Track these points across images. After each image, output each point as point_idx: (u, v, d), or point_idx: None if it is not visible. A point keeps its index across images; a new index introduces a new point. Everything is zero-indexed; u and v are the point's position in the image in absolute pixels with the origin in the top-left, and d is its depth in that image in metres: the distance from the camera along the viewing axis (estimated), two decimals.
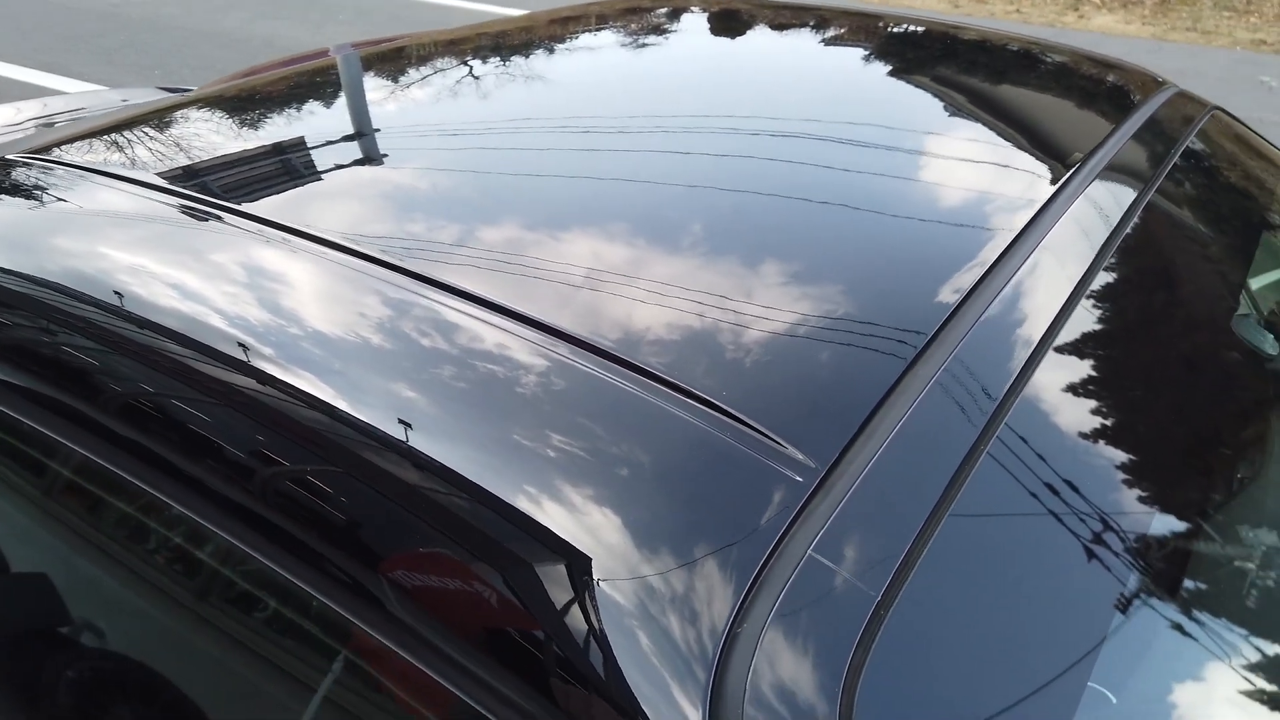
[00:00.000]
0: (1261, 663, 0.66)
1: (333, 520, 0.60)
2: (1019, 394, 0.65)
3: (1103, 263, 0.83)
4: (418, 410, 0.61)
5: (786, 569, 0.49)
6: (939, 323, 0.68)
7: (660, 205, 0.83)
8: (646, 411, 0.58)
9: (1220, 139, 1.17)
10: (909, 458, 0.56)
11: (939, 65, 1.28)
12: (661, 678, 0.47)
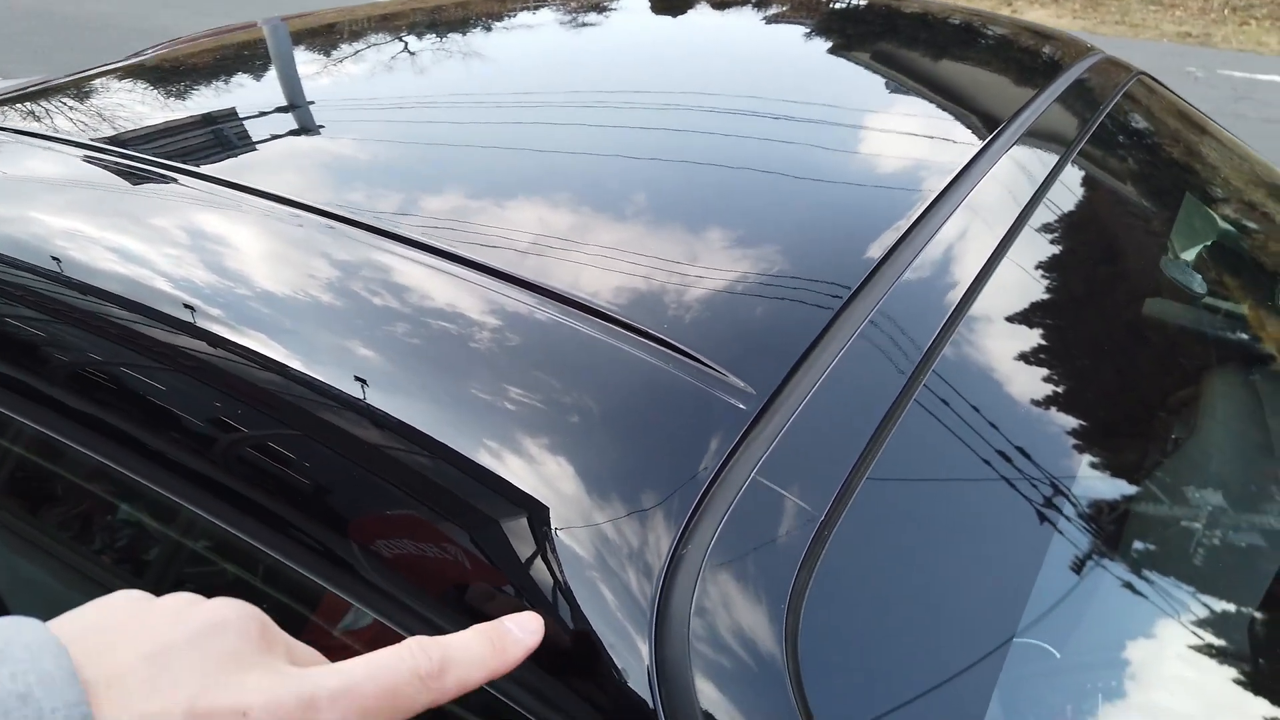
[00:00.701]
0: (1192, 614, 0.68)
1: (292, 483, 0.58)
2: (953, 329, 0.66)
3: (1030, 215, 0.85)
4: (374, 368, 0.59)
5: (730, 493, 0.49)
6: (869, 269, 0.68)
7: (600, 165, 0.83)
8: (596, 349, 0.58)
9: (1145, 102, 1.20)
10: (850, 384, 0.57)
11: (869, 33, 1.30)
12: (608, 600, 0.46)
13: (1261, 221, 1.13)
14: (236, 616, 0.38)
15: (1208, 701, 0.62)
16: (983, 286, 0.72)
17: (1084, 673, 0.56)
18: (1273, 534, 0.76)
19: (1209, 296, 0.91)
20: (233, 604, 0.39)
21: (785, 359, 0.57)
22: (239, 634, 0.38)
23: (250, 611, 0.39)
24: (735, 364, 0.56)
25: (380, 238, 0.70)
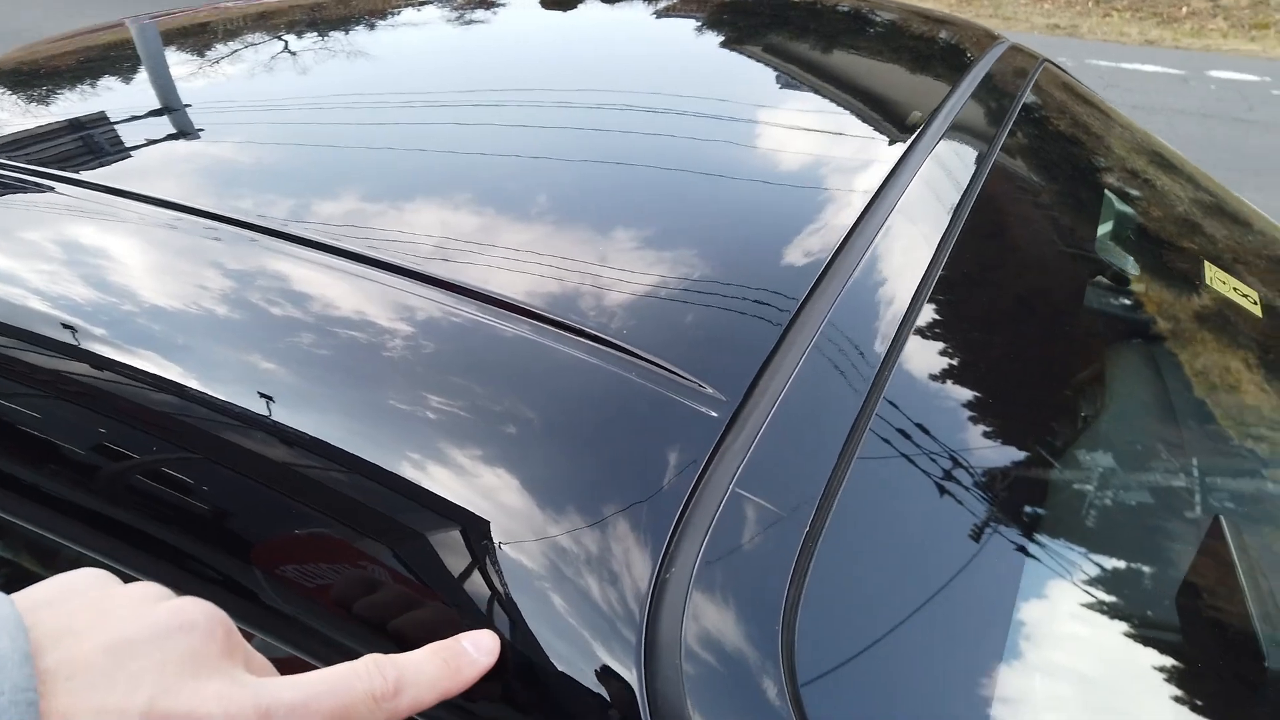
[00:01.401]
0: (1152, 584, 0.69)
1: (194, 511, 0.53)
2: (910, 325, 0.65)
3: (965, 209, 0.84)
4: (278, 382, 0.54)
5: (710, 507, 0.46)
6: (819, 270, 0.66)
7: (524, 167, 0.79)
8: (540, 355, 0.54)
9: (1053, 89, 1.23)
10: (817, 385, 0.54)
11: (781, 31, 1.29)
12: (592, 634, 0.43)
13: (1165, 198, 1.16)
14: (204, 618, 0.37)
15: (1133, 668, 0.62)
16: (932, 282, 0.71)
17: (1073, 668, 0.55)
18: (1177, 492, 0.77)
19: (1132, 275, 0.93)
20: (200, 605, 0.37)
21: (750, 363, 0.54)
22: (204, 636, 0.36)
23: (217, 615, 0.38)
24: (702, 370, 0.53)
25: (293, 244, 0.64)
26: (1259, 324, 0.92)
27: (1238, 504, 0.81)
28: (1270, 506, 0.82)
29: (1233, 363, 0.89)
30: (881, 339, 0.62)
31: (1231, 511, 0.79)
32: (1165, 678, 0.62)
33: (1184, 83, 6.27)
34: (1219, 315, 0.92)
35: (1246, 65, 6.72)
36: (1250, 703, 0.67)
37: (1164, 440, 0.80)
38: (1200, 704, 0.62)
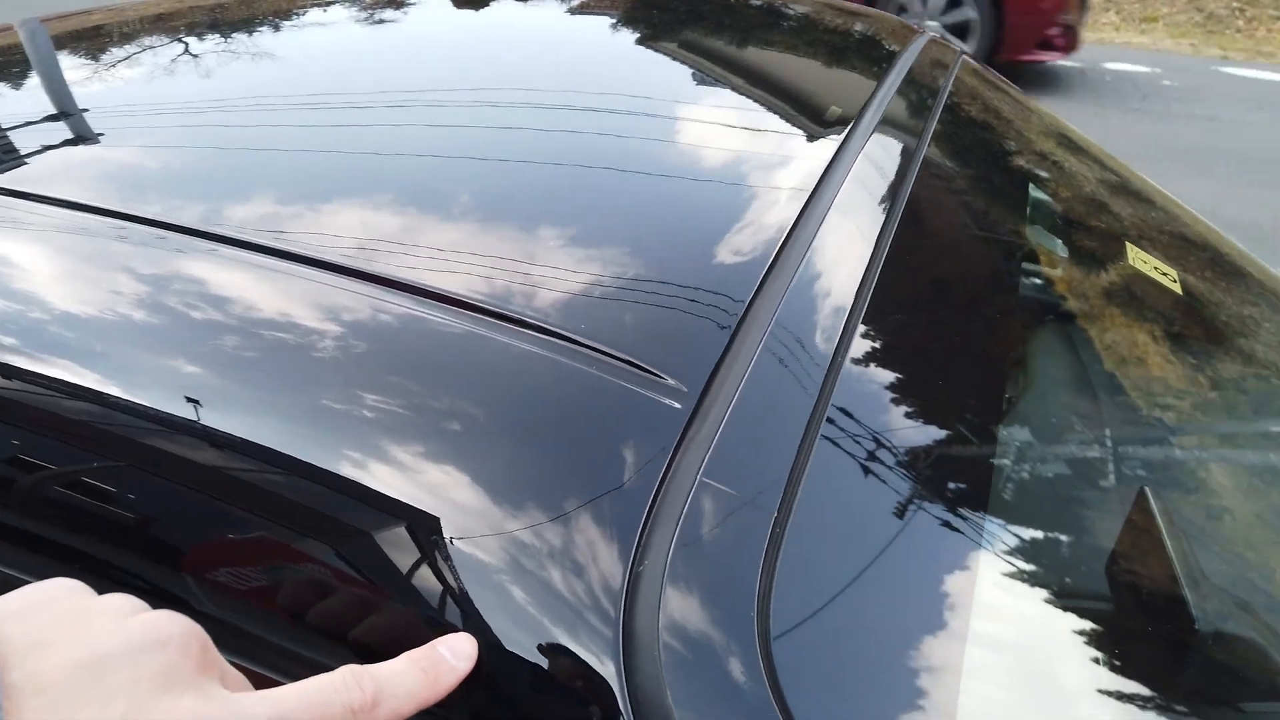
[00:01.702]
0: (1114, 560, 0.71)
1: (120, 522, 0.51)
2: (859, 314, 0.66)
3: (901, 199, 0.86)
4: (205, 387, 0.53)
5: (679, 497, 0.46)
6: (767, 262, 0.67)
7: (449, 166, 0.78)
8: (500, 351, 0.53)
9: (973, 80, 1.26)
10: (775, 375, 0.55)
11: (710, 29, 1.30)
12: (568, 630, 0.42)
13: (1083, 181, 1.21)
14: (179, 633, 0.36)
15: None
16: (874, 273, 0.73)
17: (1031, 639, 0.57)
18: (1111, 467, 0.80)
19: (1060, 258, 0.96)
20: (176, 618, 0.37)
21: (708, 356, 0.54)
22: (179, 651, 0.35)
23: (192, 629, 0.37)
24: (661, 363, 0.53)
25: (216, 243, 0.62)
26: (1180, 300, 0.96)
27: (1166, 476, 0.84)
28: (1200, 476, 0.86)
29: (1159, 338, 0.93)
30: (831, 328, 0.63)
31: (1164, 484, 0.82)
32: (1100, 645, 0.64)
33: (1081, 74, 6.52)
34: (1143, 293, 0.96)
35: (1138, 57, 7.03)
36: (1183, 664, 0.70)
37: (1099, 417, 0.83)
38: (1136, 669, 0.65)
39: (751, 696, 0.41)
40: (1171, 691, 0.66)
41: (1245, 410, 1.00)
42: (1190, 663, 0.70)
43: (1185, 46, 7.43)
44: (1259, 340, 1.05)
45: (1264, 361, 1.02)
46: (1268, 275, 1.20)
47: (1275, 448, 0.97)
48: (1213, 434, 0.95)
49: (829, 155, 0.85)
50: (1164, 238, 1.19)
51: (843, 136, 0.90)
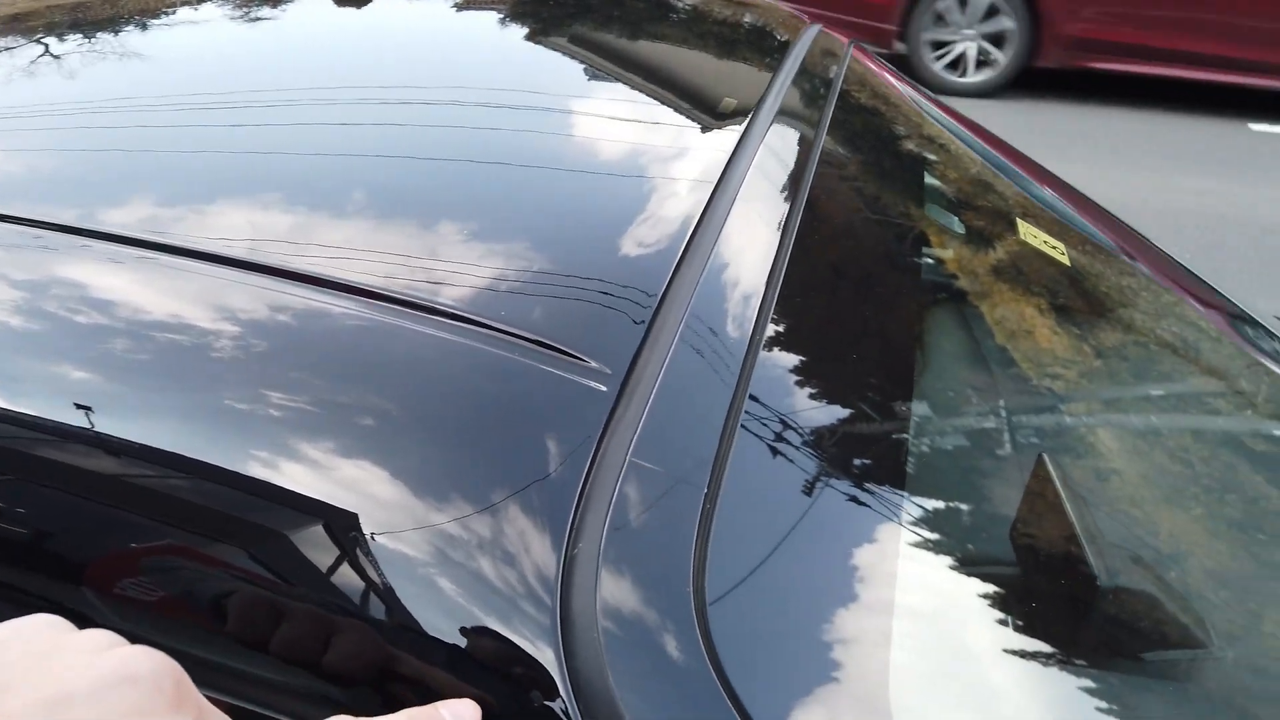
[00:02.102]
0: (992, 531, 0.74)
1: (15, 540, 0.48)
2: (772, 300, 0.67)
3: (804, 185, 0.87)
4: (97, 391, 0.50)
5: (610, 480, 0.46)
6: (681, 246, 0.67)
7: (365, 162, 0.76)
8: (407, 340, 0.52)
9: (864, 69, 1.29)
10: (697, 356, 0.55)
11: (604, 25, 1.29)
12: (504, 619, 0.42)
13: (972, 163, 1.25)
14: (150, 670, 0.34)
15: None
16: (785, 255, 0.74)
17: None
18: (996, 433, 0.84)
19: (957, 236, 0.99)
20: (150, 655, 0.35)
21: (630, 338, 0.54)
22: (150, 690, 0.33)
23: (166, 666, 0.35)
24: (584, 346, 0.52)
25: (102, 241, 0.59)
26: (1066, 273, 1.01)
27: (1060, 442, 0.88)
28: (1090, 441, 0.90)
29: (1047, 311, 0.98)
30: (745, 312, 0.64)
31: (1058, 450, 0.86)
32: (1013, 607, 0.66)
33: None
34: (1033, 269, 1.00)
35: None
36: (1088, 618, 0.73)
37: (996, 390, 0.87)
38: (1046, 627, 0.67)
39: (691, 671, 0.41)
40: (1078, 646, 0.69)
41: (1128, 376, 1.06)
42: (1094, 618, 0.73)
43: None
44: (1138, 309, 1.11)
45: (1142, 329, 1.08)
46: (1144, 245, 1.27)
47: (1156, 410, 1.03)
48: (1099, 400, 0.99)
49: (730, 146, 0.86)
50: (1050, 214, 1.24)
51: (742, 127, 0.91)
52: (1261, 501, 0.93)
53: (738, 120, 0.93)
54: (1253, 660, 0.77)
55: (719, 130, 0.91)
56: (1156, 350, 1.10)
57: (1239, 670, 0.74)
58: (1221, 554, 0.84)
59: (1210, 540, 0.85)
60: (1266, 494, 0.95)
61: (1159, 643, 0.75)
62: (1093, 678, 0.64)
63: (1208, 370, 1.11)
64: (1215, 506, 0.89)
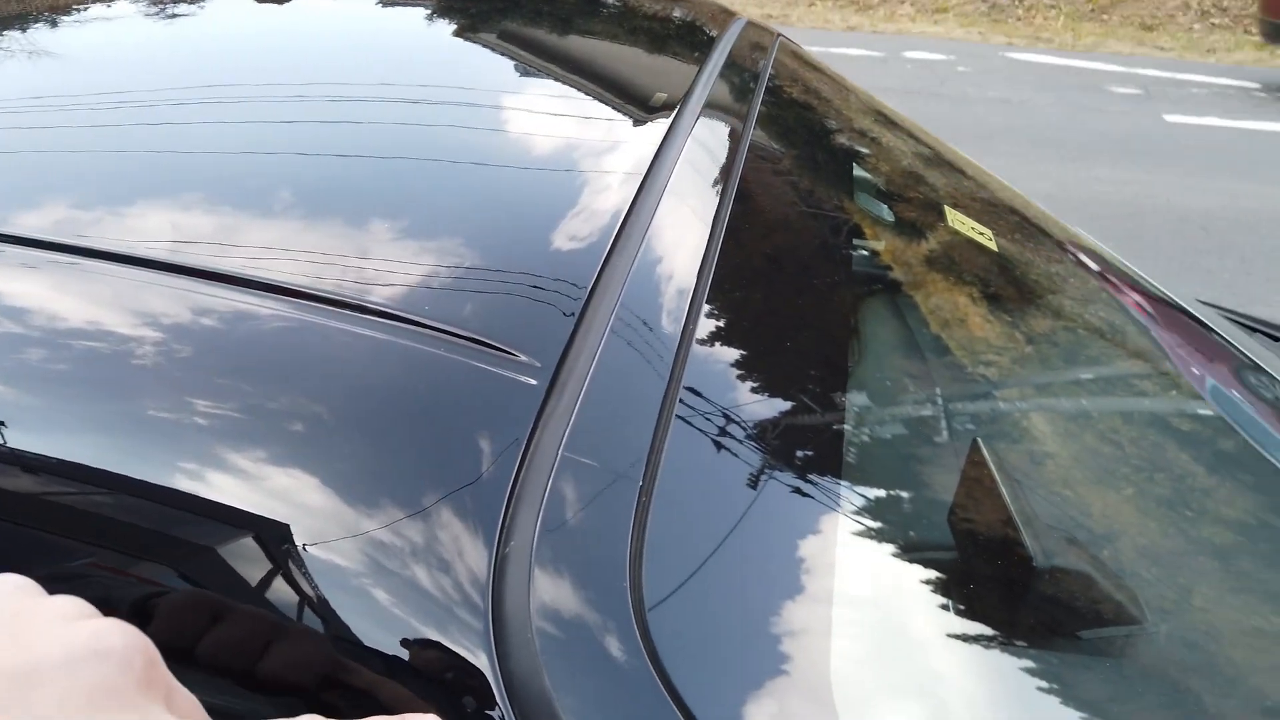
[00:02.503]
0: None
1: None
2: (704, 291, 0.66)
3: (734, 178, 0.87)
4: (10, 404, 0.47)
5: (542, 475, 0.45)
6: (610, 240, 0.66)
7: (290, 159, 0.73)
8: (332, 340, 0.50)
9: (792, 61, 1.29)
10: (629, 347, 0.54)
11: (527, 20, 1.28)
12: (433, 623, 0.40)
13: (902, 153, 1.26)
14: (122, 645, 0.32)
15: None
16: (716, 246, 0.73)
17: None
18: (931, 420, 0.85)
19: (887, 224, 1.00)
20: (122, 630, 0.33)
21: (560, 331, 0.53)
22: (120, 666, 0.32)
23: (138, 643, 0.33)
24: (513, 340, 0.51)
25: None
26: (995, 260, 1.02)
27: (994, 428, 0.89)
28: (1024, 426, 0.91)
29: (978, 299, 0.98)
30: (677, 305, 0.63)
31: (992, 435, 0.87)
32: (950, 591, 0.66)
33: (884, 64, 6.88)
34: (964, 257, 1.01)
35: (933, 45, 7.47)
36: (1027, 600, 0.73)
37: (930, 378, 0.87)
38: (984, 610, 0.68)
39: (630, 669, 0.40)
40: (1018, 628, 0.69)
41: (1058, 361, 1.07)
42: (1031, 599, 0.74)
43: (974, 35, 7.96)
44: (1065, 294, 1.13)
45: (1071, 314, 1.10)
46: (1068, 233, 1.30)
47: (1086, 394, 1.05)
48: (1032, 385, 1.01)
49: (658, 139, 0.85)
50: (977, 203, 1.26)
51: (670, 120, 0.91)
52: (1188, 479, 0.95)
53: (665, 113, 0.92)
54: (1185, 634, 0.78)
55: (646, 123, 0.90)
56: (1085, 335, 1.11)
57: (1172, 644, 0.76)
58: (1152, 531, 0.85)
59: (1141, 519, 0.87)
60: (1192, 471, 0.97)
61: (1095, 621, 0.76)
62: (1033, 658, 0.65)
63: (1134, 353, 1.13)
64: (1145, 486, 0.91)
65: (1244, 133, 5.66)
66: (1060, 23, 8.25)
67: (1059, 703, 0.63)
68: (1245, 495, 0.97)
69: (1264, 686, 0.74)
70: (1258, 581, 0.84)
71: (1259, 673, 0.76)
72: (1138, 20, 8.29)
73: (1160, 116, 5.87)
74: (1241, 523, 0.91)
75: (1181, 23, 8.28)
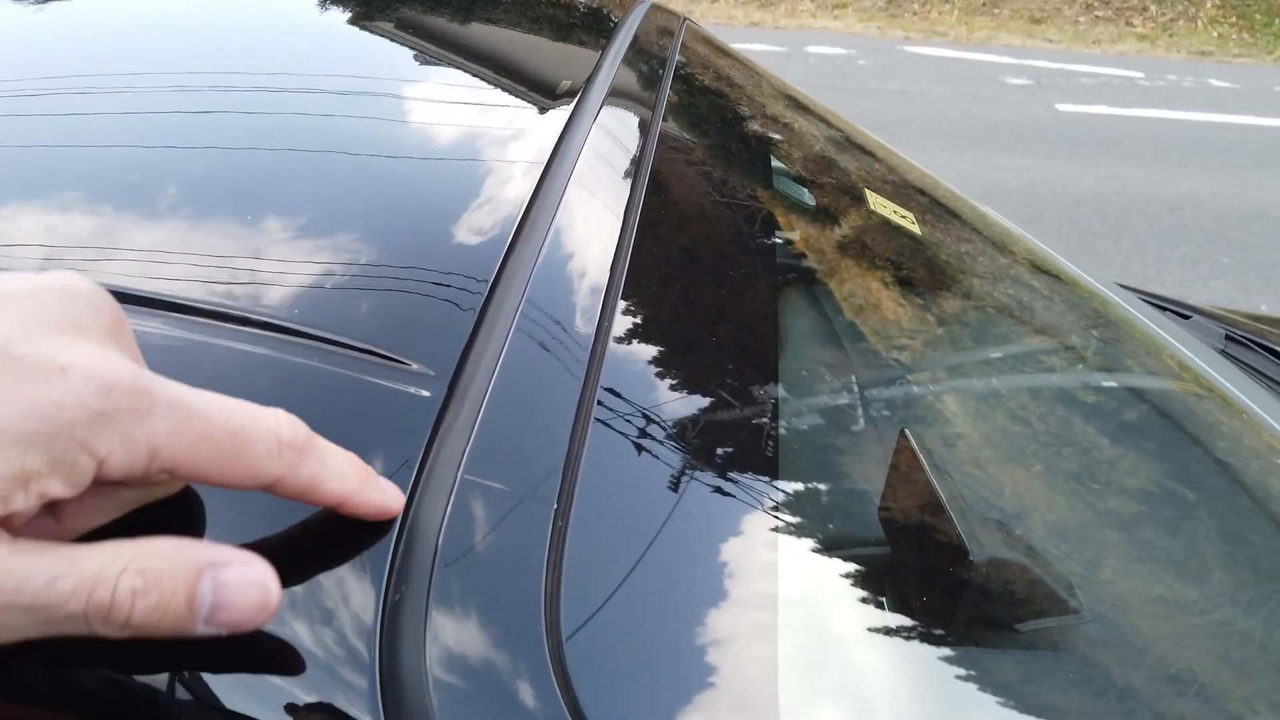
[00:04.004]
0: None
1: None
2: (617, 290, 0.61)
3: (643, 171, 0.82)
4: None
5: (438, 502, 0.38)
6: (507, 239, 0.60)
7: (147, 157, 0.65)
8: (197, 354, 0.42)
9: (699, 45, 1.25)
10: (537, 352, 0.48)
11: (409, 7, 1.20)
12: (312, 688, 0.33)
13: (815, 137, 1.23)
14: (91, 290, 0.32)
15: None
16: (628, 241, 0.68)
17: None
18: (855, 411, 0.82)
19: (807, 209, 0.96)
20: (90, 281, 0.33)
21: (457, 335, 0.46)
22: (89, 307, 0.32)
23: (109, 297, 0.33)
24: (403, 347, 0.44)
25: None
26: (920, 241, 0.99)
27: (918, 415, 0.86)
28: (948, 411, 0.88)
29: (900, 283, 0.95)
30: (590, 304, 0.57)
31: (917, 422, 0.84)
32: (886, 588, 0.63)
33: (787, 59, 6.94)
34: (883, 242, 0.97)
35: (834, 40, 7.58)
36: (963, 594, 0.71)
37: (851, 367, 0.83)
38: (923, 607, 0.65)
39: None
40: (957, 623, 0.67)
41: (985, 344, 1.05)
42: (970, 593, 0.72)
43: (873, 29, 8.10)
44: (985, 276, 1.11)
45: (995, 296, 1.08)
46: (977, 213, 1.28)
47: (1016, 376, 1.03)
48: (959, 371, 0.98)
49: (558, 128, 0.79)
50: (890, 185, 1.23)
51: (572, 107, 0.85)
52: (1101, 454, 0.94)
53: (567, 100, 0.87)
54: (1119, 622, 0.77)
55: (548, 110, 0.84)
56: (1013, 318, 1.10)
57: (1108, 634, 0.74)
58: (1087, 519, 0.83)
59: (1077, 506, 0.85)
60: (1108, 447, 0.96)
61: (1033, 613, 0.75)
62: (974, 655, 0.62)
63: (1073, 334, 1.12)
64: (1085, 476, 0.89)
65: (1130, 120, 5.88)
66: (954, 16, 8.46)
67: (999, 700, 0.61)
68: (1162, 469, 0.97)
69: (1198, 666, 0.73)
70: (1167, 552, 0.83)
71: (1193, 653, 0.75)
72: (1027, 14, 8.55)
73: (1052, 106, 6.06)
74: (1155, 496, 0.90)
75: (1068, 15, 8.57)
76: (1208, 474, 1.00)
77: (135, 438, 0.29)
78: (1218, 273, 3.85)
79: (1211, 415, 1.09)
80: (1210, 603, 0.84)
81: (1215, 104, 6.29)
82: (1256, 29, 8.56)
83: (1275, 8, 8.77)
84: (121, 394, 0.29)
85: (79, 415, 0.28)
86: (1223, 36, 8.42)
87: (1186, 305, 1.29)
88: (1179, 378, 1.08)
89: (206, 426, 0.31)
